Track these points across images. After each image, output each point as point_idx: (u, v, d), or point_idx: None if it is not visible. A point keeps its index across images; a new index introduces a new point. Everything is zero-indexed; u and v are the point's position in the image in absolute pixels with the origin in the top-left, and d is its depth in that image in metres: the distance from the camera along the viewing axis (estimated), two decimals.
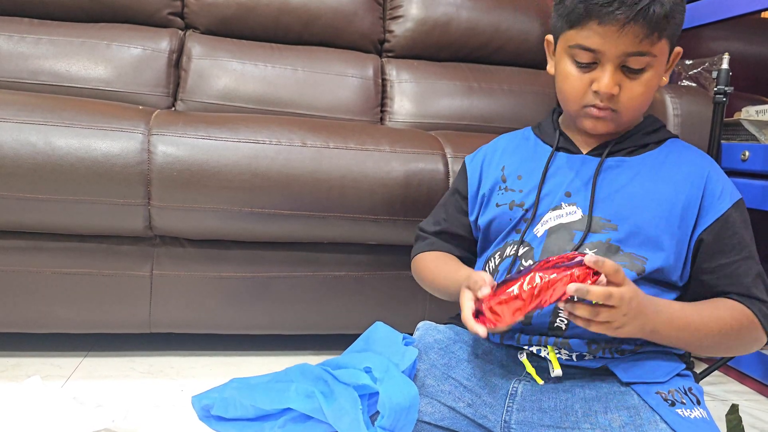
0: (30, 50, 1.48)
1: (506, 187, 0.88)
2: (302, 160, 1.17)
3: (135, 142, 1.11)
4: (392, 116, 1.68)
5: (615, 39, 0.74)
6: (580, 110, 0.81)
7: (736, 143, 1.43)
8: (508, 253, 0.83)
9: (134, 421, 1.00)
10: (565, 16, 0.78)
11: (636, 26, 0.73)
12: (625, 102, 0.77)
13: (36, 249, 1.15)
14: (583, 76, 0.78)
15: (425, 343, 0.85)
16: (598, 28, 0.74)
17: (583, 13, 0.75)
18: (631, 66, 0.76)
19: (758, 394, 1.37)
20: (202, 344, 1.35)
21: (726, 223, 0.79)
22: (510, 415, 0.75)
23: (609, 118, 0.79)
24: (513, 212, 0.85)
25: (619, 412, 0.72)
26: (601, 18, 0.73)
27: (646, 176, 0.81)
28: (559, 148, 0.86)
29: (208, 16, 1.64)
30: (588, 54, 0.76)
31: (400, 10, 1.75)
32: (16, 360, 1.21)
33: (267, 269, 1.24)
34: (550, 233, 0.80)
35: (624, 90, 0.77)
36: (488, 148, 0.96)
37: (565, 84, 0.81)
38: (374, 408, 0.72)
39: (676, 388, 0.74)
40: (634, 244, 0.78)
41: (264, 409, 0.84)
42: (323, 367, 0.81)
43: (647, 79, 0.77)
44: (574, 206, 0.81)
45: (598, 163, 0.82)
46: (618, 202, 0.79)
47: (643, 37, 0.73)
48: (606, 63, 0.76)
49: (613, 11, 0.72)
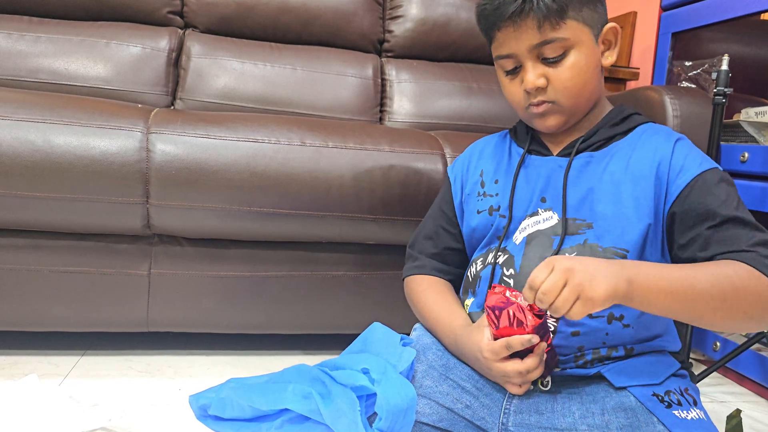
0: (29, 48, 1.48)
1: (484, 192, 0.88)
2: (301, 159, 1.17)
3: (134, 140, 1.11)
4: (391, 116, 1.68)
5: (515, 37, 0.77)
6: (525, 113, 0.83)
7: (736, 145, 1.43)
8: (490, 260, 0.83)
9: (131, 420, 1.00)
10: (484, 36, 0.83)
11: (528, 20, 0.75)
12: (559, 89, 0.78)
13: (34, 247, 1.15)
14: (514, 82, 0.81)
15: (423, 344, 0.85)
16: (499, 35, 0.79)
17: (486, 27, 0.80)
18: (547, 55, 0.77)
19: (757, 395, 1.37)
20: (200, 343, 1.35)
21: (692, 192, 0.74)
22: (507, 417, 0.75)
23: (552, 111, 0.80)
24: (493, 218, 0.85)
25: (617, 413, 0.72)
26: (497, 25, 0.78)
27: (614, 168, 0.79)
28: (531, 150, 0.87)
29: (208, 15, 1.64)
30: (507, 60, 0.80)
31: (400, 10, 1.75)
32: (13, 358, 1.20)
33: (265, 268, 1.24)
34: (529, 240, 0.80)
35: (552, 79, 0.78)
36: (467, 153, 0.97)
37: (507, 94, 0.84)
38: (372, 409, 0.72)
39: (673, 389, 0.74)
40: (612, 239, 0.76)
41: (261, 409, 0.84)
42: (321, 368, 0.81)
43: (572, 62, 0.77)
44: (550, 211, 0.81)
45: (567, 164, 0.81)
46: (590, 200, 0.79)
47: (539, 26, 0.75)
48: (524, 61, 0.78)
49: (501, 14, 0.76)
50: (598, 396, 0.75)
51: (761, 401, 1.34)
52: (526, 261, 0.79)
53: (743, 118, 1.45)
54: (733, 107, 1.54)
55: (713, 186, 0.74)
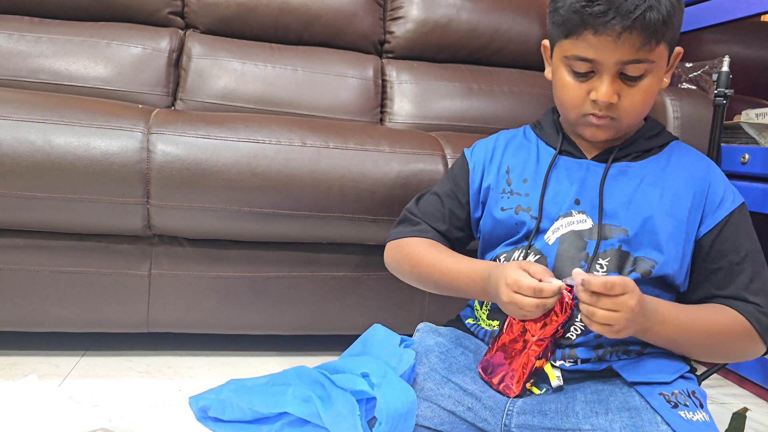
0: (30, 49, 1.48)
1: (511, 190, 0.86)
2: (302, 159, 1.17)
3: (134, 140, 1.11)
4: (392, 117, 1.68)
5: (611, 49, 0.72)
6: (579, 118, 0.80)
7: (736, 146, 1.43)
8: (516, 258, 0.82)
9: (131, 420, 1.00)
10: (560, 25, 0.76)
11: (632, 35, 0.71)
12: (625, 109, 0.77)
13: (34, 247, 1.15)
14: (581, 86, 0.77)
15: (425, 346, 0.84)
16: (593, 39, 0.73)
17: (578, 24, 0.73)
18: (629, 73, 0.75)
19: (758, 397, 1.37)
20: (200, 344, 1.35)
21: (725, 227, 0.79)
22: (510, 419, 0.75)
23: (609, 126, 0.79)
24: (519, 216, 0.84)
25: (620, 413, 0.72)
26: (597, 28, 0.72)
27: (651, 182, 0.81)
28: (562, 151, 0.85)
29: (209, 16, 1.64)
30: (585, 64, 0.75)
31: (401, 11, 1.75)
32: (13, 359, 1.20)
33: (266, 269, 1.24)
34: (562, 241, 0.80)
35: (623, 98, 0.76)
36: (488, 144, 0.94)
37: (563, 93, 0.80)
38: (372, 413, 0.72)
39: (680, 391, 0.74)
40: (644, 249, 0.78)
41: (261, 412, 0.84)
42: (321, 371, 0.80)
43: (647, 85, 0.76)
44: (583, 214, 0.80)
45: (605, 171, 0.81)
46: (626, 208, 0.79)
47: (641, 45, 0.72)
48: (603, 72, 0.75)
49: (608, 21, 0.70)
50: (602, 395, 0.75)
51: (762, 403, 1.34)
52: (558, 262, 0.79)
53: (744, 119, 1.45)
54: (734, 109, 1.54)
55: (744, 223, 0.80)
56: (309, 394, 0.77)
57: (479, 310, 0.87)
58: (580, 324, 0.77)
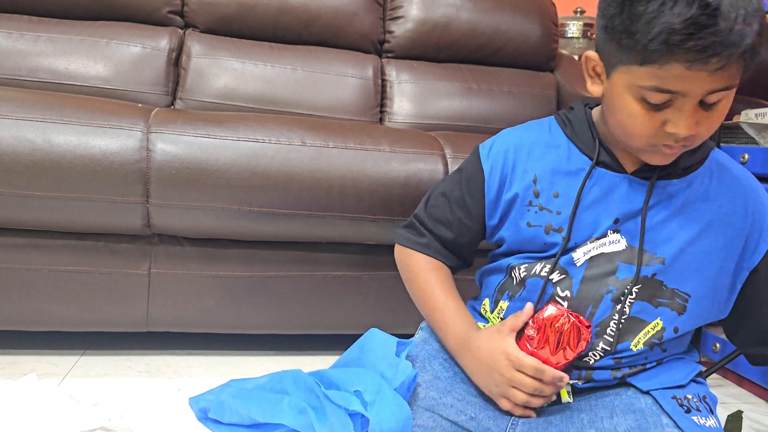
0: (29, 48, 1.48)
1: (540, 204, 0.77)
2: (301, 159, 1.17)
3: (134, 139, 1.11)
4: (391, 117, 1.68)
5: (705, 82, 0.61)
6: (647, 147, 0.69)
7: (736, 146, 1.43)
8: (538, 272, 0.77)
9: (130, 420, 1.00)
10: (636, 51, 0.63)
11: (731, 67, 0.61)
12: (702, 137, 0.68)
13: (33, 246, 1.15)
14: (655, 116, 0.65)
15: (429, 351, 0.82)
16: (684, 72, 0.61)
17: (666, 54, 0.61)
18: (710, 101, 0.64)
19: (757, 397, 1.37)
20: (200, 343, 1.35)
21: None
22: (515, 428, 0.73)
23: (680, 152, 0.70)
24: (550, 237, 0.76)
25: (625, 416, 0.71)
26: (692, 63, 0.60)
27: (694, 205, 0.74)
28: (600, 162, 0.75)
29: (208, 15, 1.64)
30: (663, 95, 0.64)
31: (400, 10, 1.75)
32: (12, 358, 1.20)
33: (265, 268, 1.24)
34: (590, 263, 0.74)
35: (700, 125, 0.65)
36: (511, 144, 0.81)
37: (631, 123, 0.68)
38: (367, 426, 0.71)
39: (693, 395, 0.73)
40: (678, 281, 0.73)
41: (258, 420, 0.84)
42: (316, 379, 0.80)
43: (722, 110, 0.66)
44: (617, 234, 0.74)
45: (648, 190, 0.73)
46: (666, 233, 0.73)
47: (733, 75, 0.62)
48: (686, 104, 0.64)
49: (712, 55, 0.59)
50: (606, 399, 0.74)
51: (761, 402, 1.34)
52: (585, 285, 0.74)
53: (743, 119, 1.45)
54: (733, 109, 1.54)
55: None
56: (304, 405, 0.77)
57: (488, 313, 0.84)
58: (600, 350, 0.74)
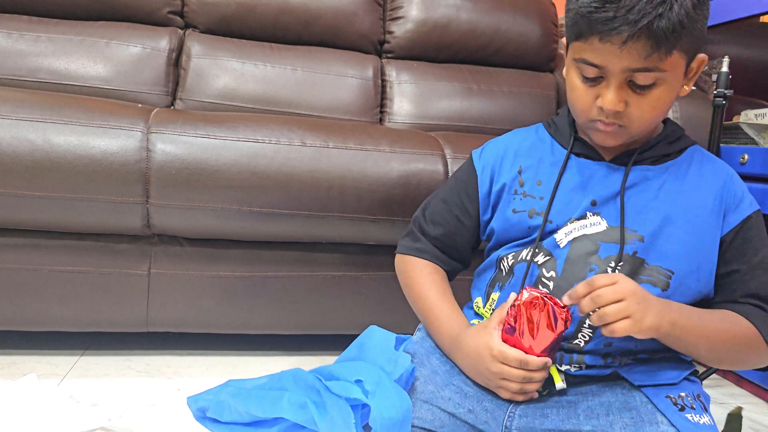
0: (29, 48, 1.48)
1: (524, 192, 0.83)
2: (301, 159, 1.17)
3: (134, 140, 1.11)
4: (391, 117, 1.68)
5: (617, 56, 0.69)
6: (587, 123, 0.77)
7: (736, 146, 1.43)
8: (524, 257, 0.81)
9: (130, 420, 0.99)
10: (571, 27, 0.74)
11: (639, 43, 0.68)
12: (633, 118, 0.74)
13: (33, 246, 1.15)
14: (589, 90, 0.74)
15: (427, 348, 0.84)
16: (599, 45, 0.70)
17: (586, 28, 0.71)
18: (638, 82, 0.71)
19: (756, 397, 1.37)
20: (200, 343, 1.35)
21: (743, 229, 0.78)
22: (512, 421, 0.74)
23: (617, 133, 0.76)
24: (533, 221, 0.81)
25: (621, 413, 0.72)
26: (602, 34, 0.69)
27: (670, 188, 0.79)
28: (579, 153, 0.83)
29: (208, 15, 1.64)
30: (593, 69, 0.73)
31: (400, 11, 1.75)
32: (12, 358, 1.20)
33: (265, 269, 1.24)
34: (573, 244, 0.78)
35: (631, 106, 0.73)
36: (499, 144, 0.91)
37: (573, 96, 0.77)
38: (367, 418, 0.71)
39: (686, 393, 0.74)
40: (660, 258, 0.76)
41: (258, 416, 0.84)
42: (316, 375, 0.80)
43: (657, 94, 0.72)
44: (598, 216, 0.78)
45: (625, 174, 0.79)
46: (644, 214, 0.77)
47: (648, 53, 0.68)
48: (610, 79, 0.72)
49: (614, 28, 0.68)
50: (603, 397, 0.75)
51: (760, 402, 1.34)
52: (569, 265, 0.77)
53: (743, 120, 1.45)
54: (733, 109, 1.54)
55: (760, 229, 0.80)
56: (305, 400, 0.77)
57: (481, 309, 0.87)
58: (588, 331, 0.76)
